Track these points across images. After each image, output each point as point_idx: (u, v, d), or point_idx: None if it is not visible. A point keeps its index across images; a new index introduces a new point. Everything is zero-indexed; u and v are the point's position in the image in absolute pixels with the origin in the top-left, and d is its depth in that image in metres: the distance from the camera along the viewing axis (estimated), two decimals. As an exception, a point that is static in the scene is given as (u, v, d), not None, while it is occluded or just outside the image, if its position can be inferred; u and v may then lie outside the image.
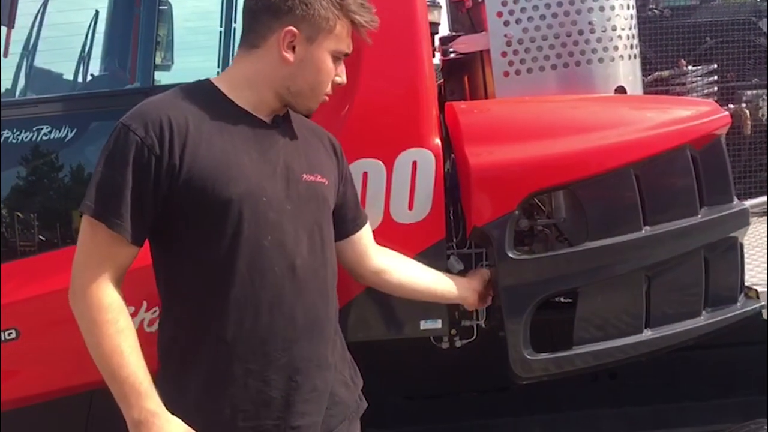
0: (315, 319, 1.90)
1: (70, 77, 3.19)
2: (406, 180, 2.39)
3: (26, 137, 2.54)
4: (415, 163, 2.39)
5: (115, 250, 1.79)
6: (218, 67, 3.39)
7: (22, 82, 3.04)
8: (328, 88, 1.95)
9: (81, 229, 1.82)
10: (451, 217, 2.52)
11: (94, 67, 3.23)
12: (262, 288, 1.83)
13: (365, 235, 2.21)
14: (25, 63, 3.04)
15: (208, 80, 1.94)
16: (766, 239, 3.15)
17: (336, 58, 1.93)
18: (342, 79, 1.95)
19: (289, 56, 1.88)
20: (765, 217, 3.53)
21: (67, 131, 2.54)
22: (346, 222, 2.15)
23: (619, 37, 2.53)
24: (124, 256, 1.81)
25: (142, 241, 1.84)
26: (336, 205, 2.10)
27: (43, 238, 2.60)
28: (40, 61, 3.08)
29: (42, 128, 2.53)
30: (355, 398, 2.11)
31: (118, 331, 1.76)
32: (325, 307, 1.94)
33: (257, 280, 1.82)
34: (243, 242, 1.80)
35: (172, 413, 1.82)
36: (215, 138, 1.81)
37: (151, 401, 1.76)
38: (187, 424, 1.82)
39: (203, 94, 1.89)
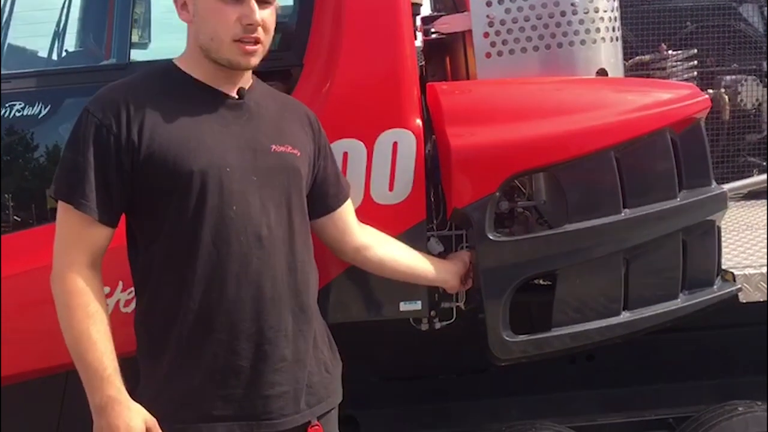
0: (283, 289, 1.91)
1: (45, 54, 3.13)
2: (387, 161, 2.37)
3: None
4: (395, 144, 2.37)
5: (87, 231, 1.82)
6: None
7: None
8: (236, 33, 1.84)
9: (57, 213, 1.86)
10: (432, 199, 2.51)
11: (69, 44, 3.18)
12: (228, 258, 1.85)
13: (347, 211, 2.20)
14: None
15: (171, 61, 1.97)
16: (762, 222, 3.18)
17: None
18: (251, 18, 1.83)
19: (186, 15, 1.90)
20: (743, 201, 3.57)
21: (41, 108, 2.50)
22: (328, 197, 2.14)
23: (602, 19, 2.52)
24: (97, 237, 1.84)
25: (113, 221, 1.86)
26: (317, 180, 2.10)
27: (18, 218, 2.55)
28: (13, 37, 3.01)
29: (15, 104, 2.49)
30: (333, 383, 2.10)
31: (88, 315, 1.80)
32: (293, 277, 1.93)
33: (223, 250, 1.84)
34: (207, 213, 1.83)
35: (146, 388, 1.88)
36: (175, 114, 1.86)
37: (113, 388, 1.79)
38: (160, 397, 1.87)
39: (164, 74, 1.94)
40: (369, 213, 2.35)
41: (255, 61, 1.91)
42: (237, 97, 1.94)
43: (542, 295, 2.54)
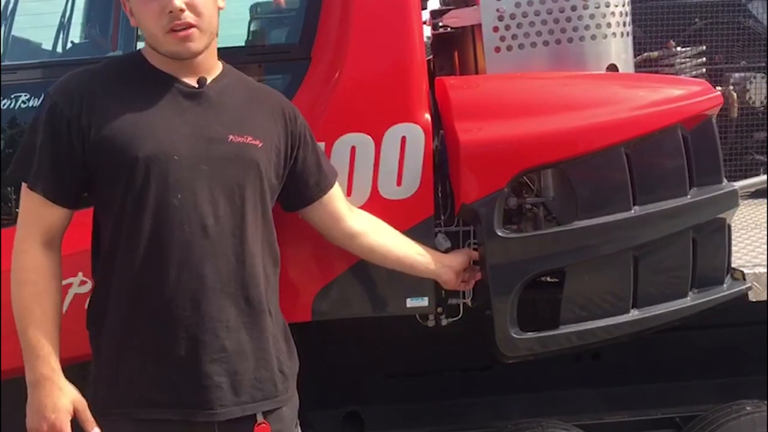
0: (227, 280, 1.90)
1: (50, 45, 3.11)
2: (395, 155, 2.35)
3: (4, 105, 2.47)
4: (404, 139, 2.35)
5: (41, 210, 1.88)
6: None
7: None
8: (165, 25, 1.84)
9: None
10: (440, 194, 2.48)
11: (75, 35, 3.16)
12: (169, 246, 1.85)
13: (335, 198, 2.17)
14: (2, 31, 2.96)
15: (138, 50, 2.01)
16: (762, 221, 3.16)
17: None
18: (171, 5, 1.82)
19: (133, 20, 1.94)
20: (751, 200, 3.55)
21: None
22: (308, 187, 2.13)
23: (612, 14, 2.50)
24: (52, 217, 1.89)
25: (68, 203, 1.90)
26: (296, 171, 2.08)
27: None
28: (18, 29, 3.00)
29: (21, 96, 2.47)
30: (286, 383, 2.05)
31: (36, 293, 1.86)
32: (241, 268, 1.91)
33: (165, 237, 1.85)
34: (150, 200, 1.84)
35: (94, 370, 1.93)
36: (129, 101, 1.88)
37: (47, 367, 1.84)
38: (101, 381, 1.91)
39: (128, 62, 1.99)
40: (376, 208, 2.33)
41: (195, 46, 1.88)
42: (197, 85, 1.94)
43: (549, 292, 2.53)
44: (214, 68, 1.99)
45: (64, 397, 1.85)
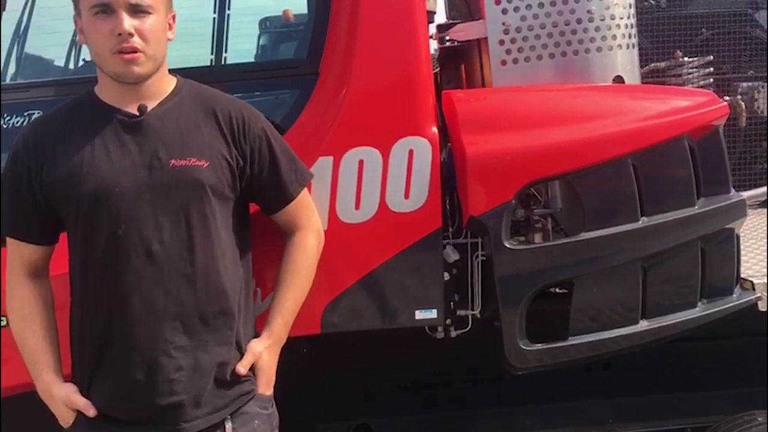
0: (178, 302, 1.92)
1: (62, 62, 3.15)
2: (403, 169, 2.37)
3: (17, 122, 2.51)
4: (411, 152, 2.37)
5: (18, 248, 2.03)
6: (211, 54, 3.34)
7: (12, 68, 3.00)
8: (112, 46, 1.86)
9: None
10: (447, 207, 2.50)
11: (87, 53, 3.19)
12: (120, 275, 1.91)
13: (288, 212, 2.13)
14: (15, 48, 2.99)
15: (90, 88, 2.03)
16: (764, 231, 3.15)
17: (101, 12, 1.86)
18: (120, 28, 1.84)
19: (83, 38, 1.96)
20: (760, 209, 3.54)
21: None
22: (267, 200, 2.12)
23: (618, 26, 2.52)
24: (28, 254, 2.03)
25: (40, 241, 2.02)
26: (253, 184, 2.05)
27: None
28: (30, 47, 3.03)
29: (33, 113, 2.50)
30: (250, 378, 2.05)
31: (23, 318, 2.02)
32: (191, 289, 1.93)
33: (113, 268, 1.91)
34: (98, 234, 1.91)
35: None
36: (76, 141, 1.95)
37: (41, 381, 2.00)
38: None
39: (77, 103, 2.03)
40: (384, 221, 2.35)
41: (140, 70, 1.90)
42: (138, 114, 1.95)
43: (559, 303, 2.53)
44: (161, 91, 1.98)
45: (59, 405, 1.99)
